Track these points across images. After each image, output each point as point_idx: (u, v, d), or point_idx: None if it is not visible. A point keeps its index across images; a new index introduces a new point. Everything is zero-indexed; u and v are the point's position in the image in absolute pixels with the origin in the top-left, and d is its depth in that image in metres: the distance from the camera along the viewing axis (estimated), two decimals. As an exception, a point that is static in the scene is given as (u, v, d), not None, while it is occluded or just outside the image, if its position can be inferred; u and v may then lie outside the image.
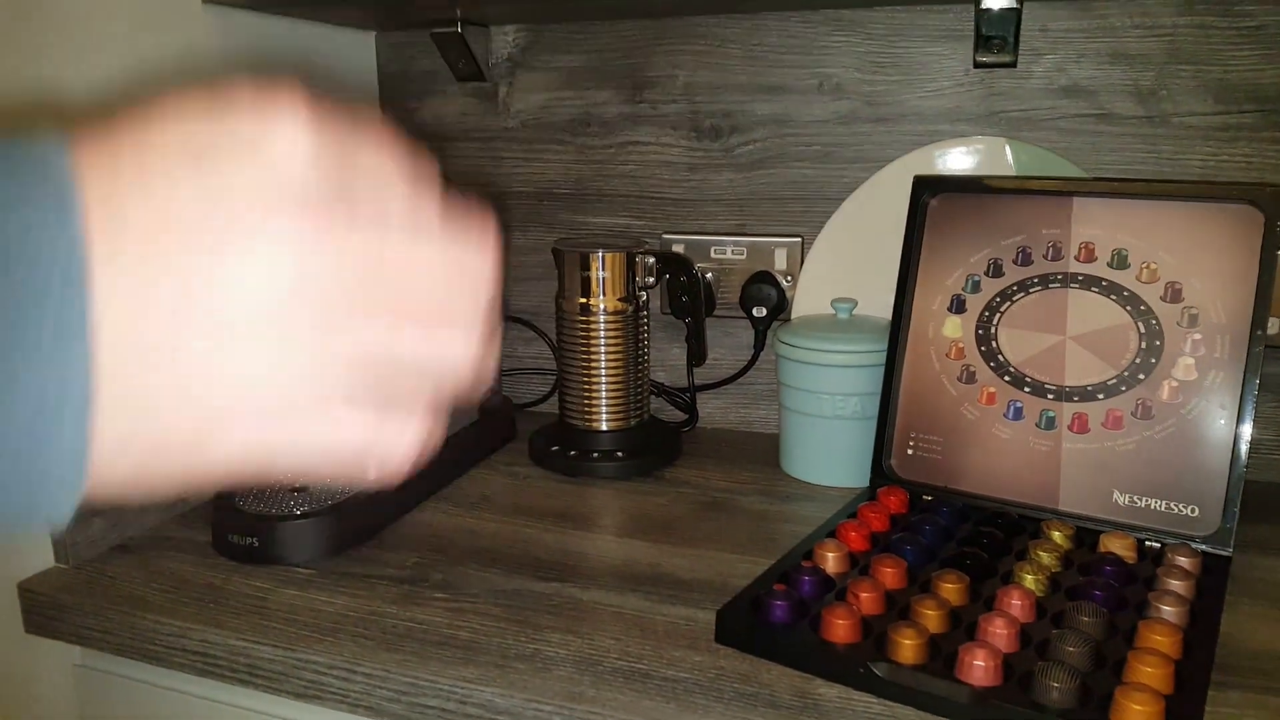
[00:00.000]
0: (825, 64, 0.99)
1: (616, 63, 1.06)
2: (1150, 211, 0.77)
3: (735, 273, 1.06)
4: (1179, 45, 0.88)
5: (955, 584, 0.64)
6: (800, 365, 0.91)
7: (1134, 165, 0.91)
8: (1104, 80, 0.91)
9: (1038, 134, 0.93)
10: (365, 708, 0.63)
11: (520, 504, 0.88)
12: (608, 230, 1.11)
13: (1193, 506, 0.72)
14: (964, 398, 0.82)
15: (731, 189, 1.05)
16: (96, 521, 0.78)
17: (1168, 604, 0.62)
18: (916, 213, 0.86)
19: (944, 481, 0.82)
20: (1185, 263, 0.75)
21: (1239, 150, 0.88)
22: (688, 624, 0.66)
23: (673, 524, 0.84)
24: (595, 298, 0.95)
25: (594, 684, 0.59)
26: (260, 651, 0.66)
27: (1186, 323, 0.74)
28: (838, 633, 0.60)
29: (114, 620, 0.70)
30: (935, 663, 0.57)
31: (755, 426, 1.09)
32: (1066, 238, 0.80)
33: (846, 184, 1.00)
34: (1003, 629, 0.58)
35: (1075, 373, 0.78)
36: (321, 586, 0.73)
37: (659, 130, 1.06)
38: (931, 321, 0.85)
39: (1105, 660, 0.57)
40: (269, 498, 0.80)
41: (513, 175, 1.13)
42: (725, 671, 0.60)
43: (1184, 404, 0.74)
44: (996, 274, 0.82)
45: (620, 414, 0.98)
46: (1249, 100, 0.87)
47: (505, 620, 0.67)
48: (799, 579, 0.66)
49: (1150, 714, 0.51)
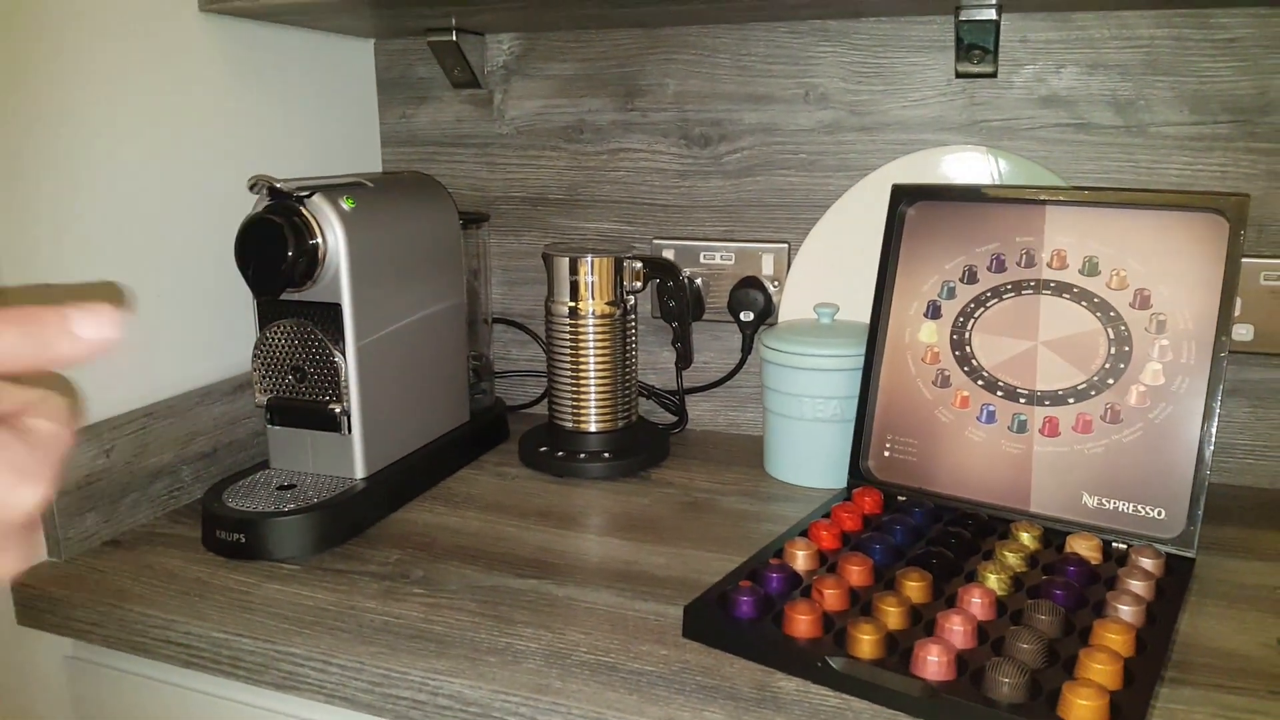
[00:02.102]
0: (811, 74, 1.01)
1: (609, 71, 1.08)
2: (1121, 220, 0.78)
3: (724, 278, 1.08)
4: (1156, 56, 0.89)
5: (918, 582, 0.66)
6: (782, 369, 0.92)
7: (1112, 174, 0.92)
8: (1083, 91, 0.92)
9: (1018, 143, 0.95)
10: (341, 698, 0.65)
11: (506, 503, 0.90)
12: (600, 235, 1.13)
13: (1159, 509, 0.73)
14: (939, 401, 0.83)
15: (720, 196, 1.07)
16: (89, 517, 0.80)
17: (1125, 603, 0.63)
18: (894, 221, 0.88)
19: (918, 483, 0.83)
20: (1154, 270, 0.76)
21: (1214, 160, 0.89)
22: (658, 619, 0.68)
23: (653, 523, 0.85)
24: (583, 301, 0.97)
25: (561, 676, 0.61)
26: (241, 644, 0.68)
27: (1155, 329, 0.76)
28: (799, 628, 0.61)
29: (103, 613, 0.72)
30: (892, 658, 0.59)
31: (743, 429, 1.11)
32: (1039, 245, 0.81)
33: (831, 192, 1.01)
34: (960, 625, 0.60)
35: (1046, 377, 0.79)
36: (304, 581, 0.74)
37: (650, 138, 1.08)
38: (908, 327, 0.86)
39: (1058, 657, 0.58)
40: (257, 495, 0.82)
41: (508, 180, 1.15)
42: (689, 665, 0.62)
43: (1151, 408, 0.75)
44: (971, 280, 0.84)
45: (608, 415, 1.00)
46: (1224, 111, 0.88)
47: (480, 615, 0.69)
48: (766, 576, 0.68)
49: (1095, 709, 0.52)
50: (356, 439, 0.84)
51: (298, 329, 0.83)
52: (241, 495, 0.82)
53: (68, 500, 0.78)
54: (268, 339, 0.84)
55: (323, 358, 0.82)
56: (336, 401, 0.83)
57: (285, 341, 0.83)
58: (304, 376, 0.83)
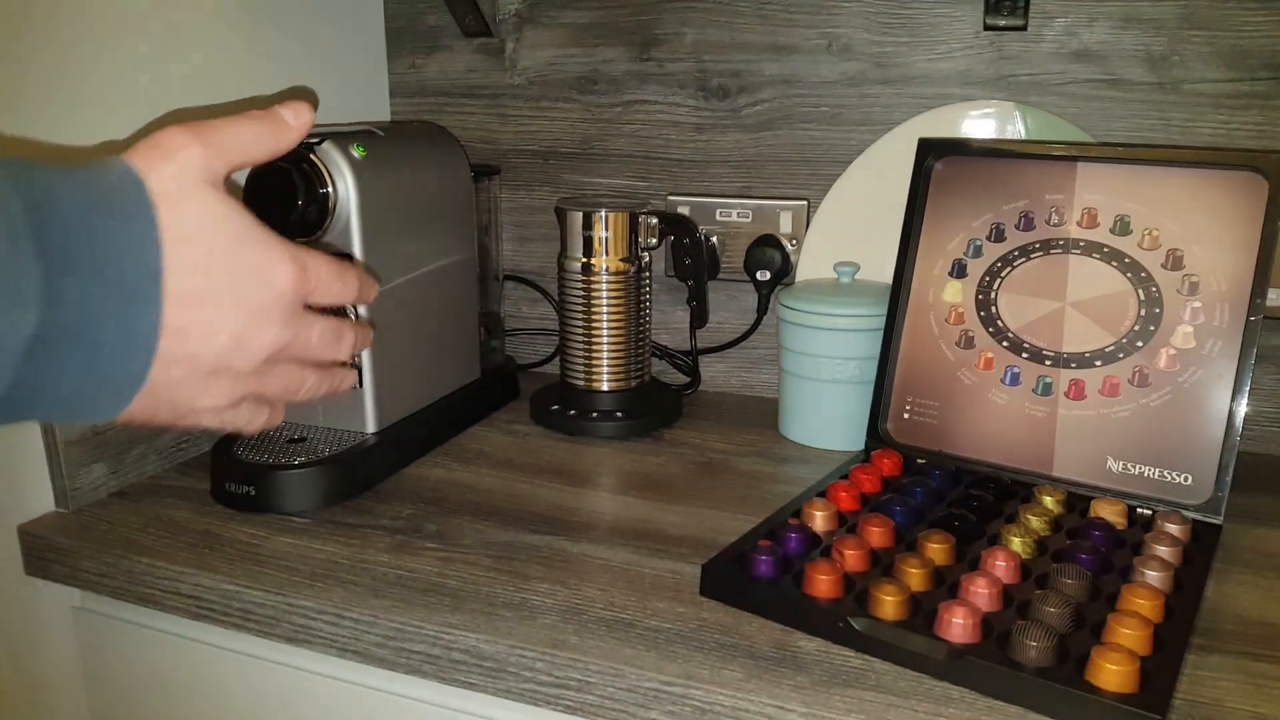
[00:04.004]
0: (834, 24, 0.98)
1: (625, 20, 1.05)
2: (1154, 178, 0.76)
3: (740, 236, 1.06)
4: (1193, 10, 0.86)
5: (941, 544, 0.64)
6: (800, 329, 0.91)
7: (1143, 132, 0.90)
8: (1115, 45, 0.89)
9: (1047, 99, 0.92)
10: (353, 652, 0.64)
11: (518, 461, 0.89)
12: (613, 190, 1.11)
13: (1185, 475, 0.72)
14: (961, 363, 0.82)
15: (738, 150, 1.04)
16: (97, 467, 0.79)
17: (1152, 569, 0.62)
18: (920, 176, 0.85)
19: (939, 446, 0.82)
20: (1187, 230, 0.74)
21: (1250, 118, 0.86)
22: (674, 577, 0.67)
23: (667, 483, 0.84)
24: (597, 257, 0.95)
25: (577, 632, 0.60)
26: (252, 596, 0.67)
27: (1187, 290, 0.74)
28: (820, 588, 0.60)
29: (111, 564, 0.71)
30: (915, 619, 0.58)
31: (757, 390, 1.09)
32: (1069, 203, 0.79)
33: (853, 147, 0.99)
34: (984, 588, 0.59)
35: (1074, 339, 0.77)
36: (315, 535, 0.73)
37: (666, 89, 1.06)
38: (932, 286, 0.84)
39: (1085, 621, 0.57)
40: (267, 447, 0.81)
41: (519, 133, 1.13)
42: (707, 623, 0.61)
43: (1181, 372, 0.73)
44: (998, 239, 0.82)
45: (621, 374, 0.98)
46: (1263, 68, 0.85)
47: (495, 570, 0.68)
48: (785, 536, 0.67)
49: (1125, 674, 0.51)
50: (368, 393, 0.83)
51: (308, 279, 0.81)
52: (251, 448, 0.81)
53: (75, 450, 0.77)
54: (277, 289, 0.82)
55: (333, 309, 0.81)
56: (347, 354, 0.81)
57: (295, 292, 0.82)
58: (314, 328, 0.82)
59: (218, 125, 0.42)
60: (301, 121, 0.45)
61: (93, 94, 0.78)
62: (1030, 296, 0.80)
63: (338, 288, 0.46)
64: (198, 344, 0.40)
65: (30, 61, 0.73)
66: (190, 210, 0.39)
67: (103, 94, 0.79)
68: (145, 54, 0.82)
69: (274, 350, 0.43)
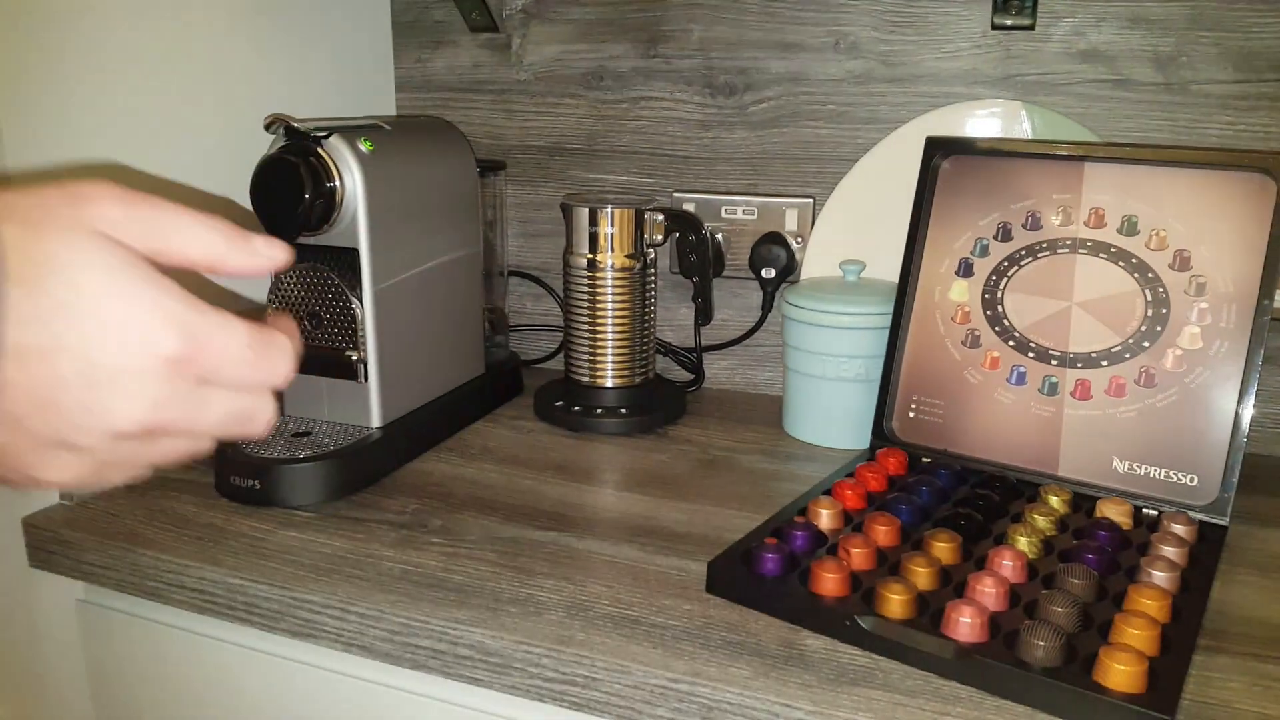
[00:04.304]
0: (842, 22, 0.98)
1: (631, 16, 1.05)
2: (1162, 178, 0.76)
3: (746, 233, 1.05)
4: (1201, 11, 0.86)
5: (947, 543, 0.64)
6: (805, 327, 0.91)
7: (1150, 133, 0.90)
8: (1123, 45, 0.89)
9: (1054, 99, 0.92)
10: (359, 647, 0.64)
11: (522, 456, 0.89)
12: (618, 187, 1.10)
13: (1192, 475, 0.72)
14: (967, 362, 0.82)
15: (744, 147, 1.04)
16: (102, 459, 0.79)
17: (1159, 569, 0.62)
18: (927, 175, 0.85)
19: (944, 444, 0.82)
20: (1195, 231, 0.74)
21: (1258, 120, 0.86)
22: (679, 574, 0.67)
23: (672, 480, 0.84)
24: (603, 254, 0.95)
25: (583, 628, 0.60)
26: (257, 590, 0.66)
27: (1194, 291, 0.74)
28: (826, 586, 0.60)
29: (115, 556, 0.71)
30: (922, 618, 0.58)
31: (761, 388, 1.09)
32: (1076, 203, 0.79)
33: (860, 145, 0.99)
34: (992, 588, 0.59)
35: (1080, 339, 0.77)
36: (320, 529, 0.73)
37: (672, 86, 1.06)
38: (938, 285, 0.84)
39: (1092, 621, 0.57)
40: (272, 442, 0.80)
41: (525, 129, 1.13)
42: (714, 620, 0.61)
43: (1188, 373, 0.73)
44: (1005, 238, 0.82)
45: (625, 371, 0.98)
46: (1271, 69, 0.85)
47: (500, 566, 0.68)
48: (791, 534, 0.67)
49: (1133, 674, 0.51)
50: (373, 387, 0.83)
51: (314, 274, 0.81)
52: (256, 441, 0.80)
53: (79, 442, 0.76)
54: (283, 284, 0.82)
55: (339, 303, 0.81)
56: (353, 349, 0.81)
57: (301, 286, 0.82)
58: (320, 322, 0.82)
59: (162, 203, 0.36)
60: (270, 254, 0.39)
61: (95, 88, 0.78)
62: (1037, 296, 0.80)
63: (245, 369, 0.37)
64: (27, 407, 0.33)
65: (31, 51, 0.73)
66: (58, 256, 0.33)
67: (106, 88, 0.79)
68: (150, 48, 0.82)
69: (136, 429, 0.35)
